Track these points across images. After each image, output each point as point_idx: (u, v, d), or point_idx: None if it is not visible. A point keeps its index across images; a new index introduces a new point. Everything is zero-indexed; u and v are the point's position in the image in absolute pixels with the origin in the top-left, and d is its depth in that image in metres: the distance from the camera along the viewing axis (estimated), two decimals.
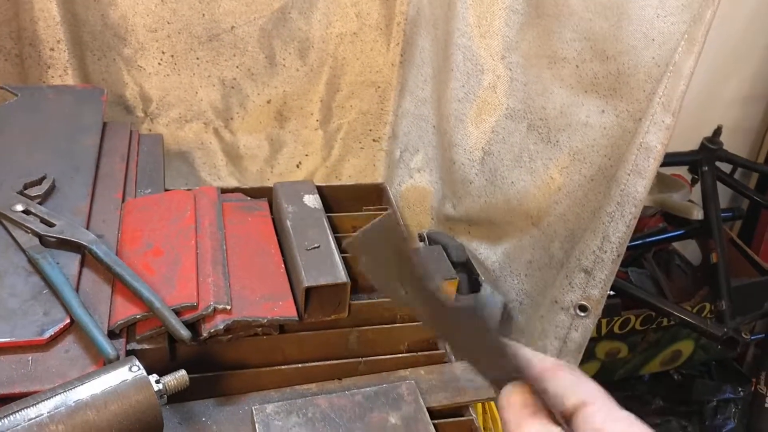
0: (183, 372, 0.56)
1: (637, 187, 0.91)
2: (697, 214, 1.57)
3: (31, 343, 0.61)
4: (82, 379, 0.52)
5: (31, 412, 0.47)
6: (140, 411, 0.51)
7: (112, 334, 0.65)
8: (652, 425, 0.39)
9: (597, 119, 1.00)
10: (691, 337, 1.69)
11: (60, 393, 0.50)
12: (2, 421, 0.46)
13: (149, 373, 0.55)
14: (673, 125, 0.88)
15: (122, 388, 0.51)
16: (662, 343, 1.67)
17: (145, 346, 0.67)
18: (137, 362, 0.53)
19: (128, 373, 0.52)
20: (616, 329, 1.57)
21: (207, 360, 0.70)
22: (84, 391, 0.50)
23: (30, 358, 0.61)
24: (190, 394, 0.65)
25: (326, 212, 0.87)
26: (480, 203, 1.14)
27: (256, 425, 0.62)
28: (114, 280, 0.70)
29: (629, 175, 0.92)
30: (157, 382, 0.54)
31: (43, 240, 0.71)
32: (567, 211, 1.05)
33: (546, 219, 1.07)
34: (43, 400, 0.49)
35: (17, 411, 0.48)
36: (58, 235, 0.72)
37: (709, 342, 1.68)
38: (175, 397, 0.61)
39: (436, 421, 0.67)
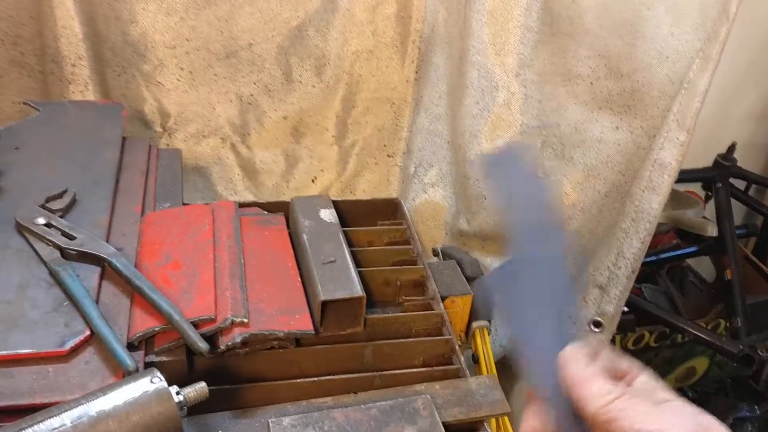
0: (203, 384, 0.57)
1: (651, 204, 0.91)
2: (712, 231, 1.57)
3: (52, 355, 0.62)
4: (104, 390, 0.52)
5: (55, 422, 0.48)
6: (161, 422, 0.51)
7: (131, 346, 0.66)
8: None
9: (611, 136, 1.00)
10: (706, 354, 1.68)
11: (83, 403, 0.51)
12: (27, 430, 0.47)
13: (169, 384, 0.55)
14: (688, 142, 0.88)
15: (143, 399, 0.52)
16: (676, 360, 1.66)
17: (164, 359, 0.68)
18: (158, 374, 0.54)
19: (149, 384, 0.53)
20: (629, 346, 1.56)
21: (224, 373, 0.71)
22: (106, 402, 0.51)
23: (50, 369, 0.62)
24: (207, 407, 0.65)
25: (342, 227, 0.88)
26: (494, 219, 1.14)
27: None
28: (133, 292, 0.71)
29: (644, 191, 0.92)
30: (178, 393, 0.55)
31: (64, 253, 0.72)
32: (581, 227, 1.06)
33: None
34: (67, 410, 0.50)
35: (41, 421, 0.49)
36: (78, 248, 0.73)
37: (724, 359, 1.66)
38: (192, 409, 0.61)
39: None
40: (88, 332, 0.64)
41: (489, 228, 1.16)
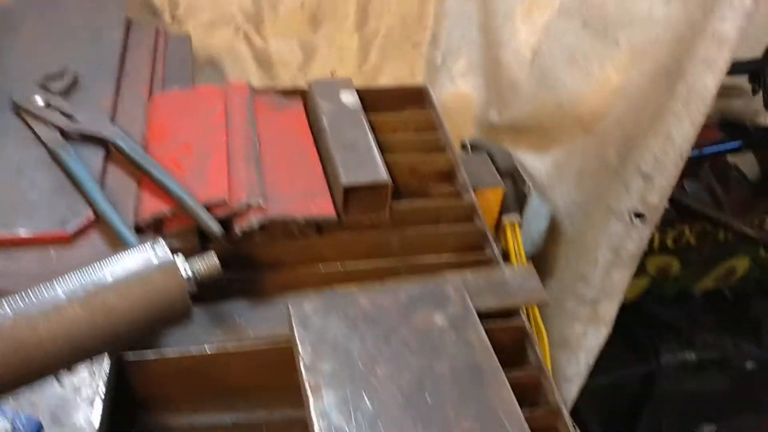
0: (212, 253, 0.51)
1: (706, 81, 0.83)
2: (765, 119, 1.47)
3: (55, 237, 0.58)
4: (103, 262, 0.48)
5: (48, 293, 0.44)
6: (167, 298, 0.47)
7: (139, 231, 0.61)
8: (704, 344, 0.33)
9: (661, 11, 0.90)
10: (748, 253, 1.61)
11: (79, 275, 0.46)
12: (18, 302, 0.43)
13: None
14: (753, 11, 0.79)
15: (147, 270, 0.47)
16: (716, 259, 1.59)
17: (175, 244, 0.63)
18: (163, 243, 0.49)
19: (153, 254, 0.48)
20: (668, 243, 1.50)
21: (240, 261, 0.66)
22: (105, 274, 0.46)
23: (53, 252, 0.58)
24: (222, 295, 0.61)
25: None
26: (528, 108, 1.06)
27: (293, 325, 0.58)
28: (140, 176, 0.66)
29: (697, 67, 0.83)
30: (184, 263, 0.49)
31: (64, 134, 0.67)
32: (624, 113, 0.97)
33: (600, 123, 0.99)
34: (61, 283, 0.45)
35: (33, 293, 0.44)
36: (80, 129, 0.67)
37: (765, 259, 1.60)
38: (207, 297, 0.57)
39: (484, 324, 0.62)
40: (91, 214, 0.60)
41: (522, 119, 1.08)
